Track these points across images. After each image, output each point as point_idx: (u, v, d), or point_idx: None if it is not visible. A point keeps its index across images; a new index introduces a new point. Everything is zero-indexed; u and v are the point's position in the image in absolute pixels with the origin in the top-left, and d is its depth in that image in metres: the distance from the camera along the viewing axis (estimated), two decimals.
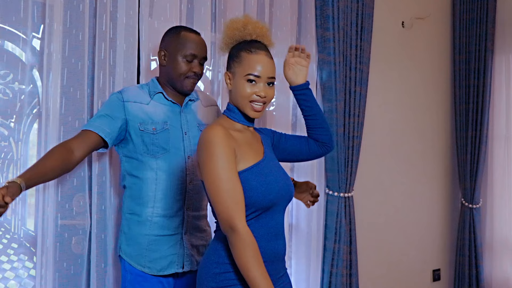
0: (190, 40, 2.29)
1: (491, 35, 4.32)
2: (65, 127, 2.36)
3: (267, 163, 1.93)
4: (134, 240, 2.26)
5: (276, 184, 1.90)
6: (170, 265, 2.27)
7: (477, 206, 4.38)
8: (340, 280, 3.43)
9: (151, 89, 2.31)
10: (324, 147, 2.22)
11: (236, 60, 1.92)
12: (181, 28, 2.33)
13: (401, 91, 4.17)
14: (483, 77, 4.31)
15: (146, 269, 2.24)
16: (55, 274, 2.35)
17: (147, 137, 2.23)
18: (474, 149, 4.35)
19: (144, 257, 2.24)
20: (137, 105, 2.26)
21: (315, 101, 2.15)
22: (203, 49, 2.32)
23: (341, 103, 3.42)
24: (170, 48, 2.30)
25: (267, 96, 1.91)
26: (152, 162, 2.24)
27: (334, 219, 3.43)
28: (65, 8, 2.37)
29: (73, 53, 2.39)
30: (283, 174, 1.98)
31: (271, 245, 1.88)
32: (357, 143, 3.55)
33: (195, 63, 2.29)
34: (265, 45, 1.96)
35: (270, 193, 1.86)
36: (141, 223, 2.25)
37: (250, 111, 1.91)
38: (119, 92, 2.28)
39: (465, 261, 4.38)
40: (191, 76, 2.29)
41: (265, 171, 1.89)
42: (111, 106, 2.24)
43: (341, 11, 3.42)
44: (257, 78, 1.89)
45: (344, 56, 3.47)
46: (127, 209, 2.30)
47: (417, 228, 4.29)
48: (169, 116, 2.29)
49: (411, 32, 4.21)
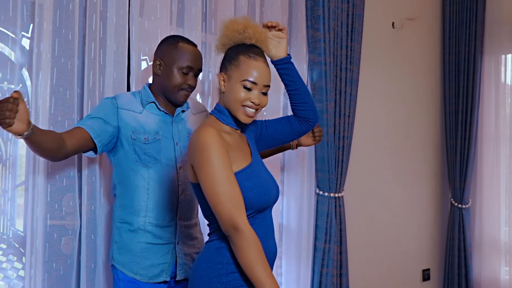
0: (187, 52, 2.26)
1: (480, 36, 4.34)
2: (54, 127, 2.35)
3: (256, 165, 1.93)
4: (126, 248, 2.25)
5: (268, 185, 1.91)
6: (161, 274, 2.26)
7: (466, 206, 4.40)
8: (330, 280, 3.43)
9: (143, 98, 2.29)
10: (307, 123, 2.17)
11: (234, 63, 1.90)
12: (178, 38, 2.30)
13: (391, 91, 4.19)
14: (473, 78, 4.34)
15: (138, 276, 2.23)
16: (45, 274, 2.33)
17: (138, 147, 2.22)
18: (463, 149, 4.38)
19: (136, 264, 2.24)
20: (130, 113, 2.24)
21: (298, 75, 2.11)
22: (199, 62, 2.31)
23: (331, 104, 3.42)
24: (166, 59, 2.27)
25: (261, 104, 1.90)
26: (143, 171, 2.23)
27: (325, 219, 3.43)
28: (55, 7, 2.35)
29: (62, 53, 2.38)
30: (270, 177, 2.00)
31: (265, 245, 1.87)
32: (348, 143, 3.56)
33: (190, 76, 2.27)
34: (262, 51, 1.95)
35: (265, 194, 1.87)
36: (133, 232, 2.25)
37: (242, 116, 1.89)
38: (113, 98, 2.26)
39: (455, 261, 4.40)
40: (185, 88, 2.28)
41: (256, 174, 1.89)
42: (105, 111, 2.21)
43: (332, 12, 3.43)
44: (254, 85, 1.87)
45: (334, 56, 3.48)
46: (118, 218, 2.29)
47: (407, 228, 4.30)
48: (161, 127, 2.28)
49: (401, 33, 4.23)
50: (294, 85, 2.10)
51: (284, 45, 2.09)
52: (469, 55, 4.37)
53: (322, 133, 2.57)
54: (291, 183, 3.43)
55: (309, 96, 2.13)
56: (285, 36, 2.09)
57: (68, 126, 2.37)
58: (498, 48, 4.37)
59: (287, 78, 2.10)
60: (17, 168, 2.38)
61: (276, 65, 2.10)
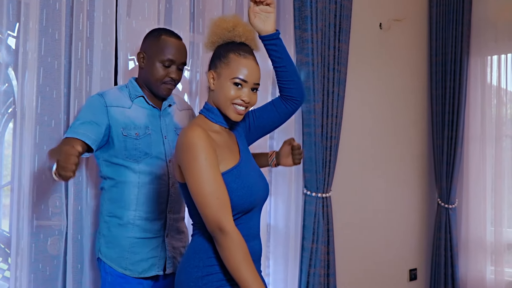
0: (169, 45, 2.25)
1: (466, 38, 4.37)
2: (41, 126, 2.33)
3: (244, 165, 1.93)
4: (115, 243, 2.24)
5: (255, 186, 1.90)
6: (151, 268, 2.26)
7: (453, 206, 4.43)
8: (318, 280, 3.44)
9: (131, 92, 2.28)
10: (292, 102, 2.11)
11: (223, 60, 1.90)
12: (162, 31, 2.30)
13: (378, 92, 4.21)
14: (459, 79, 4.37)
15: (128, 271, 2.22)
16: (30, 275, 2.32)
17: (130, 142, 2.21)
18: (450, 149, 4.41)
19: (125, 259, 2.22)
20: (119, 109, 2.23)
21: (286, 51, 2.07)
22: (183, 54, 2.29)
23: (319, 104, 3.43)
24: (149, 52, 2.27)
25: (251, 102, 1.90)
26: (134, 166, 2.23)
27: (312, 219, 3.44)
28: (41, 6, 2.34)
29: (49, 52, 2.36)
30: (260, 175, 1.99)
31: (250, 246, 1.87)
32: (335, 143, 3.57)
33: (172, 69, 2.26)
34: (252, 49, 1.95)
35: (251, 195, 1.87)
36: (122, 226, 2.23)
37: (232, 114, 1.89)
38: (100, 95, 2.23)
39: (441, 261, 4.43)
40: (167, 81, 2.27)
41: (243, 173, 1.88)
42: (95, 111, 2.19)
43: (320, 12, 3.44)
44: (244, 83, 1.88)
45: (322, 57, 3.49)
46: (106, 212, 2.27)
47: (394, 228, 4.32)
48: (150, 121, 2.28)
49: (388, 34, 4.25)
50: (282, 62, 2.05)
51: (272, 19, 2.04)
52: (455, 56, 4.40)
53: (303, 156, 2.50)
54: (278, 183, 3.44)
55: (296, 74, 2.09)
56: (273, 11, 2.04)
57: (54, 126, 2.36)
58: (484, 49, 4.40)
59: (275, 54, 2.05)
60: (3, 168, 2.36)
61: (263, 40, 2.05)
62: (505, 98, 4.36)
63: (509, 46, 4.33)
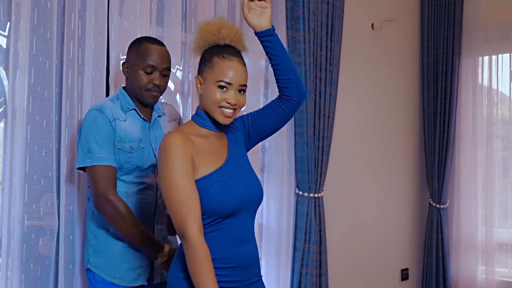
0: (150, 52, 2.23)
1: (458, 38, 4.39)
2: (32, 126, 2.32)
3: (228, 168, 1.90)
4: (103, 251, 2.23)
5: (237, 189, 1.87)
6: (138, 278, 2.26)
7: (444, 206, 4.45)
8: (310, 280, 3.45)
9: (123, 105, 2.26)
10: (288, 103, 2.02)
11: (208, 64, 1.89)
12: (143, 39, 2.29)
13: (370, 92, 4.22)
14: (451, 79, 4.39)
15: (116, 280, 2.22)
16: (21, 276, 2.30)
17: (123, 156, 2.20)
18: (441, 150, 4.42)
19: (114, 267, 2.22)
20: (117, 122, 2.21)
21: (282, 48, 1.99)
22: (164, 60, 2.26)
23: (311, 104, 3.44)
24: (131, 60, 2.26)
25: (238, 104, 1.89)
26: (124, 177, 2.22)
27: (304, 219, 3.44)
28: (33, 5, 2.32)
29: (40, 52, 2.35)
30: (249, 178, 1.96)
31: (238, 250, 1.86)
32: (327, 143, 3.58)
33: (155, 75, 2.23)
34: (238, 51, 1.94)
35: (229, 199, 1.84)
36: (110, 235, 2.23)
37: (220, 117, 1.88)
38: (98, 110, 2.19)
39: (433, 261, 4.44)
40: (151, 88, 2.23)
41: (225, 177, 1.87)
42: (105, 131, 2.16)
43: (312, 13, 3.44)
44: (229, 85, 1.86)
45: (314, 57, 3.49)
46: (95, 222, 2.26)
47: (386, 228, 4.34)
48: (143, 134, 2.27)
49: (380, 34, 4.26)
50: (277, 59, 1.98)
51: (267, 15, 1.97)
52: (447, 57, 4.42)
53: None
54: (270, 183, 3.44)
55: (292, 72, 2.00)
56: (269, 6, 1.97)
57: (46, 125, 2.35)
58: (475, 50, 4.42)
59: (270, 51, 1.98)
60: None
61: (259, 37, 1.99)
62: (496, 98, 4.38)
63: (500, 47, 4.35)
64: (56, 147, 2.41)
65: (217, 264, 1.81)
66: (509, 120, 4.36)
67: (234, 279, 1.86)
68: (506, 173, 4.39)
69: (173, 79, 2.90)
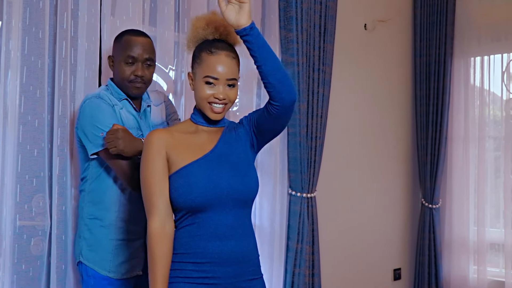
0: (131, 43, 2.23)
1: (450, 39, 4.41)
2: (24, 126, 2.32)
3: (203, 162, 1.87)
4: (97, 245, 2.23)
5: (201, 183, 1.83)
6: (133, 269, 2.27)
7: (436, 206, 4.46)
8: (303, 280, 3.45)
9: (115, 95, 2.26)
10: (273, 107, 1.83)
11: (197, 60, 1.90)
12: (126, 32, 2.30)
13: (363, 92, 4.23)
14: (443, 80, 4.40)
15: (111, 273, 2.22)
16: (13, 276, 2.29)
17: None
18: (434, 150, 4.44)
19: (109, 261, 2.22)
20: (117, 108, 2.23)
21: (263, 49, 1.78)
22: (146, 51, 2.25)
23: (304, 104, 3.44)
24: (115, 54, 2.28)
25: (227, 98, 1.88)
26: None
27: (297, 219, 3.44)
28: (25, 4, 2.32)
29: (32, 51, 2.34)
30: (229, 172, 1.87)
31: (214, 245, 1.83)
32: (320, 143, 3.58)
33: (137, 66, 2.23)
34: (229, 44, 1.91)
35: (191, 193, 1.82)
36: (105, 228, 2.23)
37: (209, 113, 1.88)
38: (97, 97, 2.20)
39: (425, 260, 4.46)
40: (133, 80, 2.23)
41: (193, 171, 1.85)
42: (112, 114, 2.18)
43: (305, 13, 3.45)
44: (216, 80, 1.85)
45: (307, 57, 3.50)
46: (87, 214, 2.26)
47: (378, 228, 4.35)
48: (137, 122, 2.28)
49: (373, 34, 4.27)
50: (256, 61, 1.80)
51: (245, 11, 1.77)
52: (439, 57, 4.44)
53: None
54: (263, 183, 3.43)
55: (273, 76, 1.79)
56: (248, 0, 1.77)
57: (38, 125, 2.34)
58: (467, 50, 4.44)
59: (250, 52, 1.80)
60: None
61: (239, 36, 1.81)
62: (488, 99, 4.40)
63: (492, 48, 4.37)
64: (48, 147, 2.40)
65: (192, 259, 1.83)
66: (501, 121, 4.38)
67: (214, 275, 1.83)
68: (498, 173, 4.41)
69: (166, 79, 2.90)
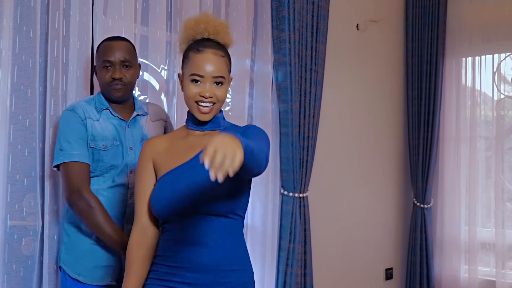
0: (105, 49, 2.25)
1: (442, 39, 4.43)
2: (15, 126, 2.31)
3: (175, 173, 1.85)
4: (72, 248, 2.25)
5: (164, 195, 1.83)
6: (104, 277, 2.25)
7: (428, 206, 4.48)
8: (295, 279, 3.45)
9: (97, 105, 2.27)
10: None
11: (185, 60, 1.87)
12: (104, 40, 2.31)
13: (355, 92, 4.24)
14: (435, 80, 4.42)
15: (81, 277, 2.22)
16: (4, 276, 2.28)
17: (97, 154, 2.21)
18: (425, 150, 4.46)
19: (80, 264, 2.23)
20: (90, 121, 2.23)
21: (254, 155, 1.59)
22: (120, 53, 2.24)
23: (296, 104, 3.45)
24: (96, 63, 2.29)
25: (214, 96, 1.83)
26: (99, 177, 2.24)
27: (289, 219, 3.45)
28: (15, 3, 2.31)
29: (23, 50, 2.33)
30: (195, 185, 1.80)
31: (183, 251, 1.81)
32: (312, 143, 3.59)
33: (115, 69, 2.23)
34: (218, 43, 1.88)
35: (156, 204, 1.84)
36: (80, 232, 2.24)
37: (197, 113, 1.84)
38: (71, 110, 2.22)
39: (417, 260, 4.47)
40: (112, 83, 2.23)
41: (164, 182, 1.85)
42: (76, 129, 2.19)
43: (297, 13, 3.45)
44: (201, 78, 1.81)
45: (299, 57, 3.50)
46: (67, 219, 2.28)
47: (370, 228, 4.36)
48: (118, 132, 2.27)
49: (365, 35, 4.28)
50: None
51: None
52: (431, 58, 4.46)
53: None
54: (256, 183, 3.42)
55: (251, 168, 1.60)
56: (211, 154, 1.41)
57: (29, 125, 2.33)
58: (459, 51, 4.46)
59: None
60: None
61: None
62: (479, 99, 4.42)
63: (483, 48, 4.39)
64: (40, 146, 2.39)
65: (166, 262, 1.84)
66: (492, 121, 4.40)
67: (184, 281, 1.80)
68: (489, 173, 4.43)
69: (158, 79, 2.90)
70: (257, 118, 3.40)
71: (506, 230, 4.22)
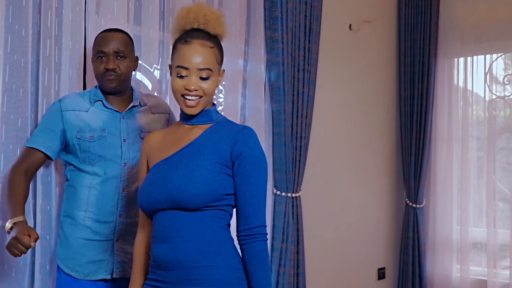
0: (100, 40, 2.27)
1: (434, 40, 4.45)
2: (6, 125, 2.29)
3: (159, 167, 1.84)
4: (65, 243, 2.25)
5: (144, 188, 1.83)
6: (98, 271, 2.25)
7: (420, 206, 4.49)
8: (287, 279, 3.45)
9: (91, 96, 2.30)
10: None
11: (173, 51, 1.83)
12: (101, 32, 2.33)
13: (348, 92, 4.24)
14: (427, 80, 4.44)
15: (74, 272, 2.22)
16: None
17: (83, 145, 2.23)
18: (418, 150, 4.47)
19: (73, 260, 2.23)
20: (75, 113, 2.25)
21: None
22: (115, 43, 2.25)
23: (289, 104, 3.45)
24: (92, 54, 2.32)
25: (200, 90, 1.77)
26: (89, 168, 2.24)
27: (282, 219, 3.45)
28: (7, 2, 2.29)
29: (15, 50, 2.32)
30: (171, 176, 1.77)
31: (156, 248, 1.80)
32: (305, 143, 3.59)
33: (108, 60, 2.24)
34: (208, 34, 1.81)
35: (139, 197, 1.87)
36: (74, 226, 2.25)
37: (183, 107, 1.79)
38: (59, 100, 2.28)
39: (409, 260, 4.49)
40: (105, 74, 2.24)
41: (148, 175, 1.87)
42: (50, 118, 2.25)
43: (290, 13, 3.45)
44: (185, 70, 1.75)
45: (292, 57, 3.50)
46: (62, 212, 2.30)
47: (363, 228, 4.37)
48: (108, 123, 2.28)
49: (358, 35, 4.29)
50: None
51: None
52: (423, 58, 4.47)
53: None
54: None
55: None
56: None
57: (21, 125, 2.32)
58: (451, 51, 4.48)
59: None
60: None
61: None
62: (471, 99, 4.44)
63: (475, 49, 4.41)
64: None
65: (150, 260, 1.87)
66: (484, 121, 4.42)
67: (158, 278, 1.80)
68: (481, 173, 4.44)
69: (151, 78, 2.89)
70: (250, 118, 3.40)
71: (497, 230, 4.24)
